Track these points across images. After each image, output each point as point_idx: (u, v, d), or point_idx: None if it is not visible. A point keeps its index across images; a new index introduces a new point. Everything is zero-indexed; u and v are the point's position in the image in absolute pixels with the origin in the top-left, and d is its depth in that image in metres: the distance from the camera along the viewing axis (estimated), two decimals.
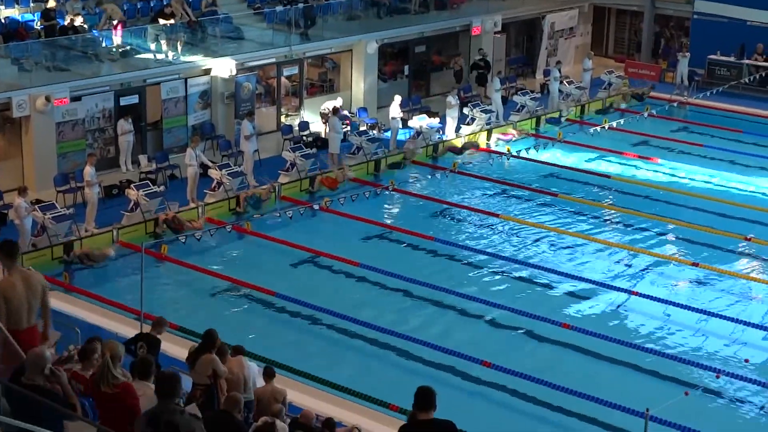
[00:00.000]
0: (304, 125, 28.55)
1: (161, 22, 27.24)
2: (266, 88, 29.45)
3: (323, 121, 28.17)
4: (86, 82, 24.53)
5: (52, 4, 26.43)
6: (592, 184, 25.85)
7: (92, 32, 26.34)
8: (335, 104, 27.99)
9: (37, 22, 26.14)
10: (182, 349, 14.18)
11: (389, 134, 27.87)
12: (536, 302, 19.04)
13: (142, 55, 26.59)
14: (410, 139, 27.38)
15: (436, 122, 28.42)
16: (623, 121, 28.61)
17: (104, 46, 26.39)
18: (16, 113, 22.89)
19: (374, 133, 27.62)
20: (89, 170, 21.28)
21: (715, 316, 18.41)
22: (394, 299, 19.20)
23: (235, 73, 26.96)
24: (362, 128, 27.67)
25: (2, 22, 25.91)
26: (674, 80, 34.18)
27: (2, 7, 26.61)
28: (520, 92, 31.11)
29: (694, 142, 29.17)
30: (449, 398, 13.58)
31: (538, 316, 18.08)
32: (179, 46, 27.19)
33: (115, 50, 26.38)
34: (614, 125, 27.97)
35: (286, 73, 29.47)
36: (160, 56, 26.64)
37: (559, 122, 30.53)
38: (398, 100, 28.07)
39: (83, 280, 19.52)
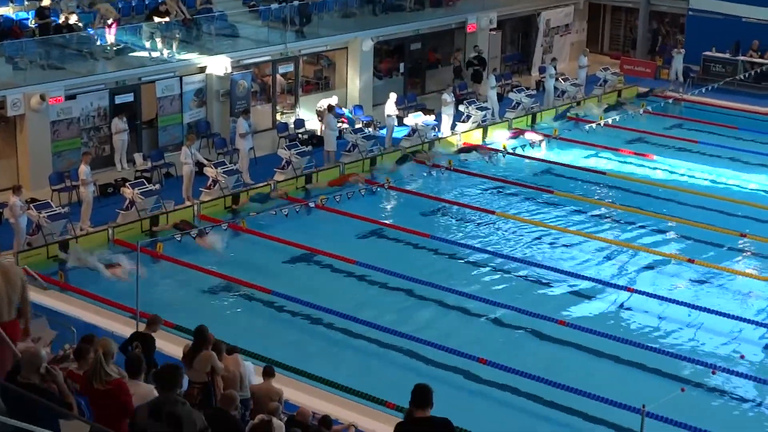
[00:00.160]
0: (299, 123, 28.53)
1: (156, 19, 27.19)
2: (261, 85, 29.40)
3: (319, 118, 28.16)
4: (81, 80, 24.49)
5: (46, 2, 26.33)
6: (588, 181, 25.84)
7: (87, 30, 26.30)
8: (331, 102, 27.98)
9: (31, 20, 26.09)
10: (178, 347, 14.17)
11: (385, 132, 27.87)
12: (536, 301, 19.00)
13: (137, 53, 26.54)
14: (406, 137, 27.38)
15: (431, 120, 28.41)
16: (618, 117, 28.63)
17: (99, 44, 26.35)
18: (10, 112, 22.84)
19: (370, 130, 27.61)
20: (84, 169, 21.25)
21: (711, 312, 18.41)
22: (394, 298, 19.12)
23: (230, 70, 26.92)
24: (358, 125, 27.67)
25: None
26: (669, 77, 34.25)
27: None
28: (515, 89, 31.07)
29: (689, 138, 29.19)
30: (450, 397, 13.67)
31: (538, 314, 18.03)
32: (174, 44, 27.17)
33: (109, 48, 26.33)
34: (609, 122, 27.99)
35: (281, 70, 29.42)
36: (155, 54, 26.61)
37: (563, 117, 30.49)
38: (394, 97, 28.04)
39: (78, 278, 19.46)
